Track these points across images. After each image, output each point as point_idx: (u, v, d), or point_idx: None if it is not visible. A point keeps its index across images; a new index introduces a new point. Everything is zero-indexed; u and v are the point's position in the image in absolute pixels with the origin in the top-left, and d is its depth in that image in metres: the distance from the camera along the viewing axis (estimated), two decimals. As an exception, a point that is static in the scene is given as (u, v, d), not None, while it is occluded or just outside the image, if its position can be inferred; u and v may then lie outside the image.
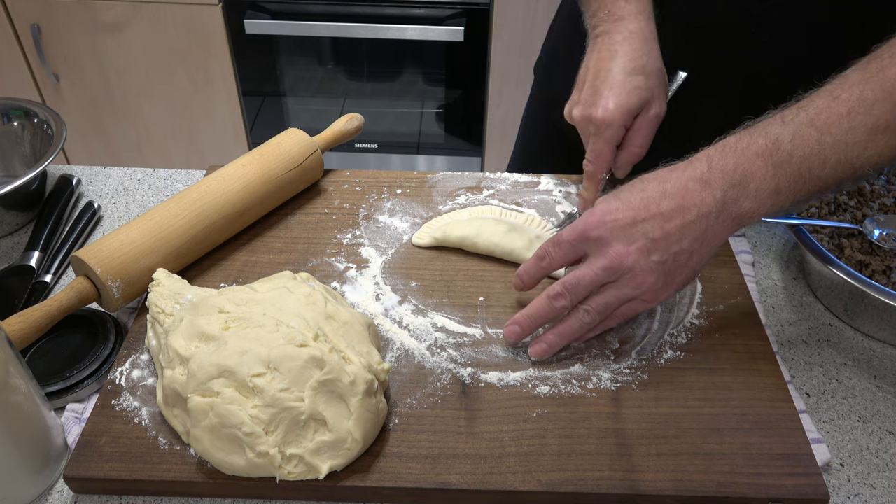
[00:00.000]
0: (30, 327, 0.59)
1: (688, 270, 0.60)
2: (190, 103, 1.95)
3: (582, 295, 0.61)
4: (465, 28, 1.80)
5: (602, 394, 0.61)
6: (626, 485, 0.54)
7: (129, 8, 1.77)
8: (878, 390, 0.65)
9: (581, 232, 0.61)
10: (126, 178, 0.89)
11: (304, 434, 0.53)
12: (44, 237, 0.77)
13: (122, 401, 0.59)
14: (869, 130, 0.55)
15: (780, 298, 0.74)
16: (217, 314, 0.57)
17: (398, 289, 0.70)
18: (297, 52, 1.93)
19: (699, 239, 0.59)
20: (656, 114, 0.71)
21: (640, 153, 0.74)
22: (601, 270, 0.60)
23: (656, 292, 0.60)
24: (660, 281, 0.60)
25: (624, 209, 0.60)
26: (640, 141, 0.72)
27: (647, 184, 0.61)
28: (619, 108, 0.69)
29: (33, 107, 0.87)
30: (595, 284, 0.61)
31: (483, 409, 0.59)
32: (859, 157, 0.56)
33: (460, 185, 0.83)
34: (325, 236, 0.76)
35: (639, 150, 0.73)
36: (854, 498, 0.57)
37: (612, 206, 0.60)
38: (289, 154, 0.77)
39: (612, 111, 0.69)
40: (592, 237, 0.60)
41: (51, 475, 0.57)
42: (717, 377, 0.62)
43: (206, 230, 0.71)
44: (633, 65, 0.70)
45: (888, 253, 0.72)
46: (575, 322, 0.62)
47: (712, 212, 0.58)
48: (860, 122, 0.55)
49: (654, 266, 0.59)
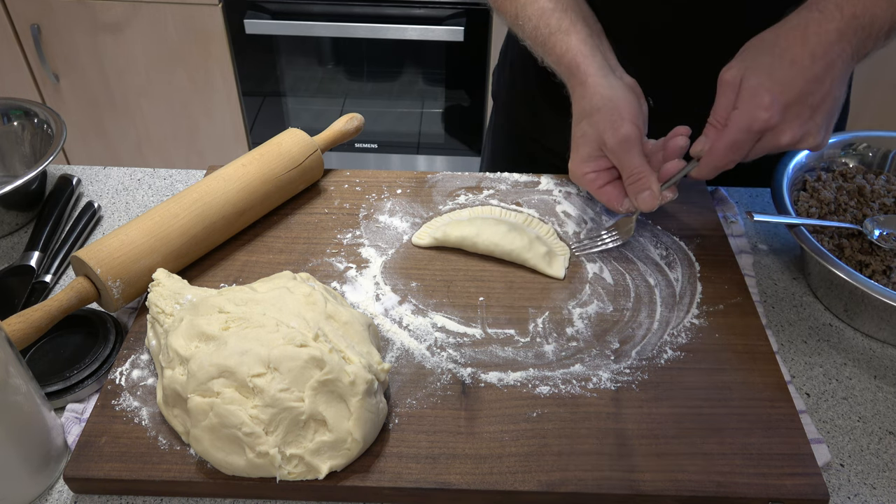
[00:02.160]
0: (30, 327, 0.59)
1: (839, 109, 0.65)
2: (190, 103, 1.95)
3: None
4: (465, 28, 1.79)
5: (602, 394, 0.61)
6: (626, 485, 0.54)
7: (129, 8, 1.77)
8: (878, 390, 0.65)
9: (760, 126, 0.63)
10: (126, 178, 0.89)
11: (304, 434, 0.53)
12: (44, 237, 0.77)
13: (122, 401, 0.59)
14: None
15: (780, 298, 0.74)
16: (217, 314, 0.57)
17: (398, 289, 0.70)
18: (297, 52, 1.93)
19: (843, 82, 0.64)
20: (624, 135, 0.67)
21: (649, 165, 0.70)
22: (778, 146, 0.65)
23: (821, 140, 0.65)
24: (822, 130, 0.64)
25: (788, 90, 0.62)
26: (634, 161, 0.68)
27: (790, 48, 0.63)
28: (573, 164, 0.73)
29: (33, 107, 0.87)
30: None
31: (483, 409, 0.59)
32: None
33: (460, 185, 0.83)
34: (325, 236, 0.76)
35: (635, 168, 0.69)
36: (854, 498, 0.57)
37: (776, 91, 0.62)
38: (289, 154, 0.77)
39: (571, 172, 0.73)
40: (770, 125, 0.63)
41: (51, 475, 0.57)
42: (717, 377, 0.62)
43: (206, 230, 0.71)
44: (577, 115, 0.72)
45: (888, 253, 0.72)
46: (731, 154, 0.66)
47: (850, 60, 0.63)
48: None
49: (820, 124, 0.64)
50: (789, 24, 0.64)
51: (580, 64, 0.71)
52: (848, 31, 0.62)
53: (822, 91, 0.63)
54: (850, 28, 0.62)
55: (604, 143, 0.69)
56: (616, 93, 0.69)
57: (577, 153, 0.72)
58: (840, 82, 0.64)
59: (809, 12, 0.64)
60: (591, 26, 0.75)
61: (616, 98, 0.69)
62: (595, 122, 0.69)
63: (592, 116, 0.69)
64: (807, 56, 0.62)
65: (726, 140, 0.65)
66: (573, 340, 0.65)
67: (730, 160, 0.66)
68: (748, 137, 0.64)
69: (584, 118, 0.70)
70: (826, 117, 0.64)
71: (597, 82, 0.70)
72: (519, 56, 0.81)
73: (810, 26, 0.63)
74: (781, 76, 0.63)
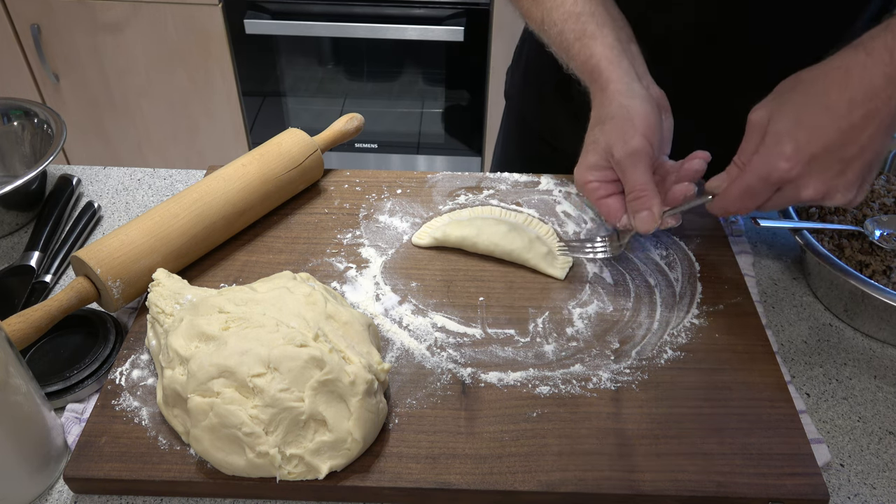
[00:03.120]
0: (30, 327, 0.59)
1: (879, 163, 0.58)
2: (190, 103, 1.95)
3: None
4: (465, 28, 1.79)
5: (602, 394, 0.61)
6: (626, 485, 0.54)
7: (129, 8, 1.77)
8: (878, 390, 0.65)
9: (778, 177, 0.58)
10: (126, 178, 0.89)
11: (304, 434, 0.53)
12: (44, 237, 0.77)
13: (122, 401, 0.59)
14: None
15: (780, 298, 0.74)
16: (217, 314, 0.57)
17: (398, 289, 0.70)
18: (297, 52, 1.93)
19: (888, 134, 0.56)
20: (633, 149, 0.64)
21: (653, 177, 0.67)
22: (799, 201, 0.59)
23: (852, 198, 0.59)
24: (854, 187, 0.58)
25: (815, 139, 0.56)
26: (639, 177, 0.65)
27: (826, 90, 0.56)
28: (578, 170, 0.69)
29: (33, 107, 0.87)
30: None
31: (483, 409, 0.59)
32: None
33: (460, 185, 0.83)
34: (325, 236, 0.76)
35: (641, 184, 0.66)
36: (854, 498, 0.57)
37: (802, 140, 0.56)
38: (289, 154, 0.77)
39: (575, 178, 0.70)
40: (790, 178, 0.58)
41: (51, 475, 0.57)
42: (717, 377, 0.62)
43: (206, 230, 0.71)
44: (592, 121, 0.69)
45: (888, 253, 0.72)
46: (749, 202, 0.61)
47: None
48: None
49: (852, 180, 0.57)
50: (831, 64, 0.57)
51: (603, 70, 0.67)
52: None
53: (858, 143, 0.55)
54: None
55: (611, 153, 0.65)
56: (634, 102, 0.65)
57: (584, 159, 0.69)
58: (884, 134, 0.55)
59: (855, 53, 0.56)
60: (620, 31, 0.71)
61: (633, 108, 0.65)
62: (607, 130, 0.66)
63: (605, 124, 0.66)
64: (844, 102, 0.55)
65: (741, 185, 0.60)
66: (573, 340, 0.65)
67: (743, 206, 0.62)
68: (764, 187, 0.59)
69: (598, 125, 0.67)
70: (861, 173, 0.57)
71: (617, 89, 0.66)
72: (534, 56, 0.78)
73: (853, 69, 0.55)
74: (812, 123, 0.56)
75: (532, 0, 0.75)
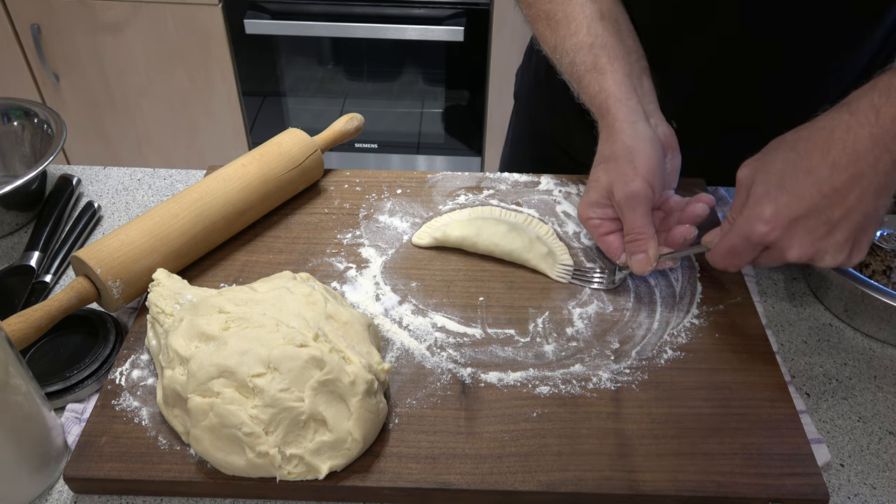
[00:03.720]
0: (30, 327, 0.59)
1: (874, 224, 0.57)
2: (190, 103, 1.95)
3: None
4: (465, 28, 1.79)
5: (602, 394, 0.61)
6: (626, 485, 0.54)
7: (129, 8, 1.77)
8: (878, 390, 0.65)
9: (758, 239, 0.58)
10: (126, 178, 0.89)
11: (304, 434, 0.53)
12: (44, 237, 0.77)
13: (122, 401, 0.59)
14: None
15: (780, 298, 0.74)
16: (217, 314, 0.57)
17: (398, 289, 0.70)
18: (297, 52, 1.93)
19: (878, 195, 0.55)
20: (633, 192, 0.65)
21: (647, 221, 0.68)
22: (785, 261, 0.59)
23: (844, 259, 0.58)
24: (844, 248, 0.57)
25: (796, 203, 0.55)
26: (636, 221, 0.66)
27: (808, 155, 0.55)
28: (581, 206, 0.71)
29: (33, 107, 0.87)
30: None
31: (483, 409, 0.59)
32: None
33: (460, 185, 0.83)
34: (325, 236, 0.76)
35: (641, 227, 0.67)
36: (854, 498, 0.57)
37: (781, 203, 0.56)
38: (289, 154, 0.77)
39: (578, 213, 0.71)
40: (770, 241, 0.58)
41: (51, 475, 0.57)
42: (717, 377, 0.62)
43: (206, 230, 0.71)
44: (597, 157, 0.69)
45: (888, 253, 0.72)
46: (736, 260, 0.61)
47: (889, 169, 0.53)
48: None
49: (841, 241, 0.56)
50: (816, 125, 0.56)
51: (610, 108, 0.68)
52: (886, 136, 0.53)
53: (844, 206, 0.54)
54: (889, 134, 0.53)
55: (612, 193, 0.66)
56: (638, 144, 0.65)
57: (587, 196, 0.69)
58: (873, 195, 0.54)
59: (839, 113, 0.55)
60: (633, 65, 0.71)
61: (636, 150, 0.65)
62: (609, 169, 0.67)
63: (609, 163, 0.67)
64: (826, 166, 0.54)
65: (726, 243, 0.61)
66: (573, 340, 0.65)
67: (729, 264, 0.62)
68: (747, 247, 0.59)
69: (602, 163, 0.68)
70: (851, 234, 0.56)
71: (622, 129, 0.66)
72: (545, 58, 0.79)
73: (836, 131, 0.54)
74: (792, 186, 0.55)
75: (547, 25, 0.75)
